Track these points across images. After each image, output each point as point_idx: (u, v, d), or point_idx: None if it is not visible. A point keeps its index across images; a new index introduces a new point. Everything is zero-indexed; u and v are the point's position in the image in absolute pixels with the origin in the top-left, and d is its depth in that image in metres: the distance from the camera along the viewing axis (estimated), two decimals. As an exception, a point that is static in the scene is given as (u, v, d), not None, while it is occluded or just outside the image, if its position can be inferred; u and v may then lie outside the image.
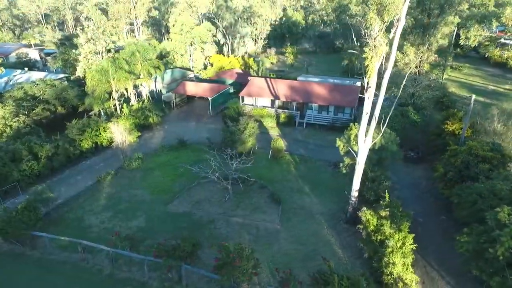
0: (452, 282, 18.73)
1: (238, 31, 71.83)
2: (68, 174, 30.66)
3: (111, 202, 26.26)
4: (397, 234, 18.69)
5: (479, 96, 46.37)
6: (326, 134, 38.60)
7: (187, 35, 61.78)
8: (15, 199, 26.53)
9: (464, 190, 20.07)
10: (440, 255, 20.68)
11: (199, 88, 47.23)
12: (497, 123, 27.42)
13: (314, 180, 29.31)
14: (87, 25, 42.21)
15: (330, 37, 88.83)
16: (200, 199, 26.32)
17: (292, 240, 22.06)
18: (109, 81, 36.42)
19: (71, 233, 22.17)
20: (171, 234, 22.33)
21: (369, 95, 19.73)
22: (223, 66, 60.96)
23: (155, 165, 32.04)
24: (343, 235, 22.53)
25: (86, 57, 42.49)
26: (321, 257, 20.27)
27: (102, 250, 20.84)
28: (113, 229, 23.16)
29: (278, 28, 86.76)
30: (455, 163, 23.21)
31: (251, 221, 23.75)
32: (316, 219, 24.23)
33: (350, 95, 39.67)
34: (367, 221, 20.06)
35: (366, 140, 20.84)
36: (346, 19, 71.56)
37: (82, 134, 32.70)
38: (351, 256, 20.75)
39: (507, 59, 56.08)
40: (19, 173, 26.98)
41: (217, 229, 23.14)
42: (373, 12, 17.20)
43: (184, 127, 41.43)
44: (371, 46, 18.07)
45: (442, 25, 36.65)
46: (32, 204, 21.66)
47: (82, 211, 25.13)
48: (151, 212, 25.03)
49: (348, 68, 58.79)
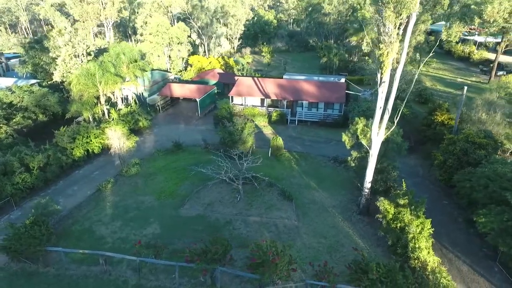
0: (467, 261, 20.11)
1: (213, 31, 71.26)
2: (63, 184, 28.98)
3: (119, 210, 25.23)
4: (415, 221, 19.77)
5: (451, 88, 49.88)
6: (318, 130, 39.66)
7: (164, 36, 60.42)
8: (9, 215, 24.75)
9: (469, 175, 21.63)
10: (451, 237, 22.10)
11: (185, 89, 46.41)
12: (481, 113, 29.69)
13: (318, 175, 30.02)
14: (64, 27, 39.90)
15: (301, 35, 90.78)
16: (212, 201, 26.03)
17: (313, 234, 22.52)
18: (96, 85, 34.76)
19: (84, 246, 21.12)
20: (191, 238, 22.10)
21: (382, 89, 20.64)
22: (203, 66, 60.29)
23: (154, 170, 31.16)
24: (359, 226, 23.38)
25: (65, 61, 40.18)
26: (346, 248, 21.17)
27: (122, 261, 20.13)
28: (127, 238, 22.38)
29: (251, 28, 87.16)
30: (453, 151, 24.87)
31: (268, 219, 23.92)
32: (330, 212, 24.89)
33: (338, 91, 40.94)
34: (385, 210, 20.99)
35: (379, 132, 21.78)
36: (319, 18, 73.70)
37: (73, 142, 31.03)
38: (371, 245, 21.61)
39: (469, 53, 60.62)
40: (12, 187, 25.09)
41: (236, 230, 23.05)
42: (390, 10, 18.02)
43: (174, 130, 40.60)
44: (387, 43, 18.92)
45: (419, 22, 38.94)
46: (41, 218, 20.29)
47: (89, 222, 23.91)
48: (163, 218, 24.39)
49: (327, 65, 60.44)
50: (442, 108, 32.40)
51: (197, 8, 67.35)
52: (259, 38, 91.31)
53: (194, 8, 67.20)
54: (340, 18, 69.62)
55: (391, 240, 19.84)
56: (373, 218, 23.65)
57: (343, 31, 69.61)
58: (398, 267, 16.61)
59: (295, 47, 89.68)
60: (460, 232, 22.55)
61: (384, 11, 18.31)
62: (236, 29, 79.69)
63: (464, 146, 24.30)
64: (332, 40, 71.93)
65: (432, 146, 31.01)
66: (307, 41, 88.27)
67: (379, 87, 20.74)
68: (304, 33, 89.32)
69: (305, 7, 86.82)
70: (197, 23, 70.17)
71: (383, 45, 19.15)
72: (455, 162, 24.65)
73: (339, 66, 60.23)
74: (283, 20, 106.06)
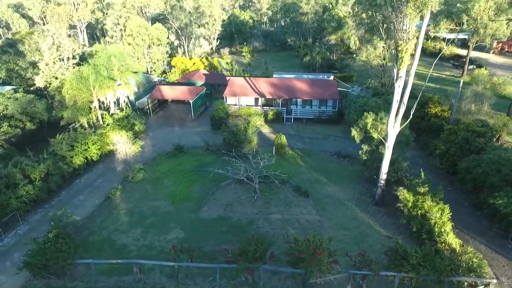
0: (482, 241, 21.66)
1: (193, 32, 70.31)
2: (66, 195, 27.56)
3: (135, 217, 24.45)
4: (435, 207, 21.01)
5: (430, 82, 52.74)
6: (315, 127, 40.55)
7: (144, 37, 58.84)
8: (16, 231, 23.22)
9: (477, 161, 23.28)
10: (462, 220, 23.57)
11: (176, 91, 45.54)
12: (471, 104, 31.92)
13: (324, 171, 30.77)
14: (47, 29, 37.75)
15: (277, 35, 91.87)
16: (229, 202, 25.95)
17: (336, 227, 23.18)
18: (89, 89, 33.27)
19: (108, 256, 20.35)
20: (217, 240, 22.03)
21: (399, 84, 21.68)
22: (187, 68, 59.37)
23: (161, 174, 30.46)
24: (377, 216, 24.36)
25: (48, 65, 38.03)
26: (371, 238, 22.02)
27: (153, 268, 19.65)
28: (152, 245, 21.84)
29: (227, 28, 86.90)
30: (455, 140, 26.58)
31: (290, 216, 24.28)
32: (346, 205, 25.69)
33: (331, 88, 42.09)
34: (405, 199, 22.10)
35: (395, 125, 22.84)
36: (296, 17, 74.95)
37: (72, 150, 29.56)
38: (393, 233, 22.48)
39: (440, 49, 64.54)
40: (17, 201, 23.51)
41: (260, 228, 23.18)
42: (411, 8, 19.02)
43: (170, 133, 39.80)
44: (405, 39, 19.93)
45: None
46: (64, 231, 19.27)
47: (107, 232, 22.98)
48: (184, 222, 23.99)
49: (310, 63, 61.73)
50: (434, 101, 34.38)
51: (176, 8, 66.11)
52: (235, 38, 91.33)
53: (173, 8, 65.89)
54: (318, 17, 71.28)
55: (415, 226, 20.93)
56: (389, 208, 24.84)
57: (321, 30, 71.33)
58: (433, 251, 17.63)
59: (272, 47, 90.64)
60: (469, 215, 24.17)
61: (405, 9, 19.25)
62: (214, 29, 79.14)
63: (465, 135, 26.04)
64: (310, 39, 73.45)
65: (427, 137, 32.85)
66: (283, 40, 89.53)
67: (396, 82, 21.77)
68: (280, 32, 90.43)
69: (280, 6, 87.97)
70: (175, 23, 68.93)
71: (401, 42, 20.14)
72: (458, 151, 26.34)
73: (321, 64, 61.72)
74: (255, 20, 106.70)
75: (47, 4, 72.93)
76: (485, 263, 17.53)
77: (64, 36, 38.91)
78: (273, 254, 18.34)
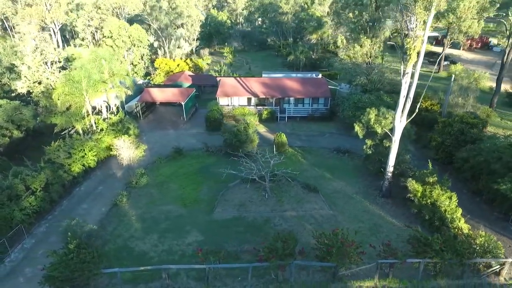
0: (486, 224, 23.14)
1: (173, 33, 69.11)
2: (68, 204, 26.38)
3: (148, 223, 23.87)
4: (443, 195, 22.23)
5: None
6: (309, 125, 41.32)
7: (125, 39, 57.19)
8: (23, 244, 21.97)
9: (476, 150, 24.83)
10: (465, 206, 24.82)
11: (167, 93, 44.69)
12: (458, 97, 33.90)
13: (327, 166, 31.51)
14: (28, 31, 35.82)
15: (255, 35, 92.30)
16: (242, 202, 25.96)
17: (350, 220, 23.88)
18: (82, 94, 31.96)
19: (130, 264, 19.77)
20: (238, 241, 22.05)
21: (406, 80, 22.70)
22: (171, 69, 58.35)
23: (164, 178, 29.90)
24: (386, 208, 25.33)
25: (32, 69, 36.12)
26: (385, 229, 22.93)
27: (179, 272, 19.38)
28: (172, 250, 21.46)
29: (206, 29, 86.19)
30: (451, 132, 28.17)
31: (304, 212, 24.70)
32: (355, 198, 26.51)
33: (322, 86, 43.07)
34: (414, 190, 23.18)
35: (402, 119, 23.88)
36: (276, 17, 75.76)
37: (70, 157, 28.33)
38: (404, 222, 23.60)
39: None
40: (21, 213, 22.25)
41: (277, 226, 23.41)
42: (420, 8, 20.01)
43: (165, 136, 39.08)
44: (413, 37, 20.93)
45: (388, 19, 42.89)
46: (84, 240, 18.53)
47: (121, 240, 22.29)
48: (199, 224, 23.74)
49: (293, 63, 62.63)
50: (425, 96, 36.08)
51: (155, 9, 64.71)
52: (214, 38, 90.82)
53: (152, 9, 64.44)
54: (297, 17, 72.47)
55: (428, 214, 22.01)
56: (396, 200, 25.93)
57: (301, 29, 72.57)
58: (452, 237, 18.70)
59: (251, 47, 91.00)
60: (469, 201, 25.71)
61: (414, 9, 20.21)
62: (193, 30, 78.23)
63: (460, 126, 27.68)
64: (290, 38, 74.52)
65: (420, 130, 34.42)
66: (262, 40, 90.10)
67: (403, 78, 22.78)
68: (259, 32, 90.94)
69: (258, 6, 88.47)
70: (154, 24, 67.48)
71: (410, 40, 21.10)
72: (454, 142, 27.94)
73: (304, 63, 62.80)
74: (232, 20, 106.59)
75: (13, 5, 68.98)
76: (500, 245, 18.79)
77: (48, 39, 37.11)
78: (303, 250, 18.66)
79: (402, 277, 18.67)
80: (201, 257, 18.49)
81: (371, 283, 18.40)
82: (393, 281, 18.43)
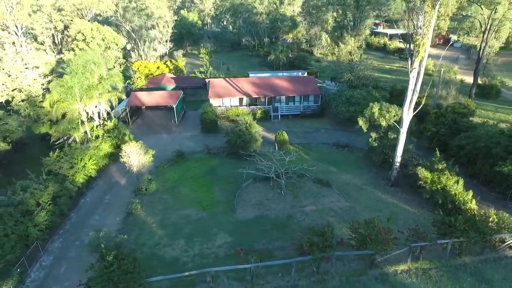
0: (488, 204, 25.28)
1: (147, 34, 67.09)
2: (77, 217, 24.99)
3: (171, 229, 23.32)
4: (451, 180, 24.02)
5: (385, 74, 58.43)
6: (303, 122, 42.30)
7: (100, 42, 54.77)
8: (41, 263, 20.55)
9: (473, 138, 27.02)
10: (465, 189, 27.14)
11: (155, 97, 43.46)
12: (442, 90, 36.54)
13: (331, 161, 32.58)
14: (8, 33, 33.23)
15: (228, 35, 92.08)
16: (259, 201, 26.16)
17: (368, 210, 24.98)
18: (76, 100, 30.30)
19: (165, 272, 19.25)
20: (268, 238, 22.32)
21: (413, 74, 24.20)
22: (151, 72, 56.68)
23: (173, 183, 29.29)
24: (397, 196, 26.80)
25: (11, 77, 33.59)
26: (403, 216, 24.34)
27: (218, 275, 19.21)
28: (204, 253, 21.23)
29: (177, 30, 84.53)
30: (444, 122, 30.37)
31: (323, 206, 25.44)
32: (366, 189, 27.74)
33: (311, 84, 44.25)
34: (424, 177, 24.79)
35: (409, 112, 25.42)
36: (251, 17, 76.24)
37: (72, 168, 26.83)
38: (417, 208, 25.16)
39: (384, 44, 71.57)
40: (35, 229, 20.80)
41: (301, 221, 23.93)
42: (429, 7, 21.48)
43: (160, 140, 38.09)
44: (422, 34, 22.40)
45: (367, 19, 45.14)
46: (121, 251, 17.80)
47: (147, 248, 21.61)
48: (224, 226, 23.63)
49: (273, 62, 63.46)
50: (409, 90, 38.42)
51: (128, 10, 62.44)
52: (185, 39, 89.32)
53: (125, 10, 62.11)
54: (272, 17, 73.48)
55: (440, 198, 23.65)
56: (405, 188, 27.52)
57: (276, 29, 73.69)
58: (472, 216, 20.33)
59: (223, 47, 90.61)
60: (468, 185, 27.53)
61: (423, 8, 21.63)
62: (166, 31, 76.47)
63: (453, 117, 29.92)
64: (266, 38, 75.37)
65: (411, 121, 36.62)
66: (234, 41, 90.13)
67: (410, 73, 24.25)
68: (230, 32, 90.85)
69: (229, 7, 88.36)
70: (127, 26, 65.09)
71: (419, 37, 22.55)
72: (448, 131, 30.14)
73: (283, 63, 63.88)
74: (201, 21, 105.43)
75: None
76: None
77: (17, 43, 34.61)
78: (342, 241, 19.33)
79: (430, 258, 20.00)
80: (243, 257, 18.55)
81: (405, 266, 19.51)
82: (424, 262, 19.69)
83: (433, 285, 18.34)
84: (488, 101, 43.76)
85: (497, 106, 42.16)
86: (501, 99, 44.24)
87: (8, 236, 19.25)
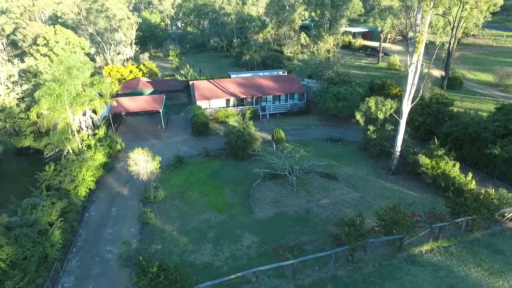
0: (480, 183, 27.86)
1: (112, 37, 63.99)
2: (87, 233, 23.49)
3: (193, 235, 22.77)
4: (448, 164, 26.17)
5: (356, 70, 61.31)
6: (292, 119, 43.18)
7: (65, 47, 51.36)
8: (62, 284, 19.09)
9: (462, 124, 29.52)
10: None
11: (139, 102, 41.72)
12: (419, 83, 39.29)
13: (329, 155, 33.67)
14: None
15: (192, 36, 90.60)
16: (274, 199, 26.45)
17: (378, 198, 26.36)
18: (65, 108, 28.27)
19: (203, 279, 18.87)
20: (294, 234, 22.75)
21: (412, 69, 25.95)
22: (123, 77, 54.16)
23: (179, 189, 28.59)
24: (400, 183, 28.55)
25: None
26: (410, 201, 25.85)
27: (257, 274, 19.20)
28: (235, 255, 21.10)
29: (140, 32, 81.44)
30: (430, 112, 32.86)
31: (337, 198, 26.38)
32: (369, 179, 29.18)
33: (295, 83, 45.29)
34: (424, 164, 26.72)
35: (408, 104, 27.21)
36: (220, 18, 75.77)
37: (73, 181, 25.10)
38: (420, 192, 27.03)
39: (349, 42, 75.07)
40: (53, 249, 19.24)
41: (320, 214, 24.64)
42: (427, 6, 23.21)
43: (151, 147, 35.60)
44: (420, 31, 24.13)
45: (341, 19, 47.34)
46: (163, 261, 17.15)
47: (176, 256, 20.94)
48: (247, 226, 23.61)
49: (247, 62, 63.72)
50: (389, 84, 41.01)
51: (92, 12, 59.06)
52: (148, 42, 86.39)
53: (89, 12, 58.67)
54: (240, 18, 73.70)
55: (443, 182, 25.65)
56: (405, 175, 29.37)
57: (245, 29, 74.03)
58: (480, 194, 22.36)
59: (189, 49, 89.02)
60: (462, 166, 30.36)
61: (422, 6, 23.32)
62: (130, 34, 73.37)
63: (437, 107, 32.48)
64: (235, 39, 75.41)
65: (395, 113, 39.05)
66: (200, 42, 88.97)
67: (409, 68, 25.98)
68: (196, 34, 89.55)
69: (193, 8, 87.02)
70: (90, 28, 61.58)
71: (418, 34, 24.26)
72: (433, 120, 32.66)
73: (257, 63, 64.43)
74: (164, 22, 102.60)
75: None
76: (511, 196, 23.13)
77: None
78: (373, 229, 20.29)
79: (447, 236, 21.70)
80: (284, 254, 18.80)
81: (428, 246, 20.98)
82: (443, 241, 21.33)
83: (457, 260, 19.97)
84: (453, 91, 47.86)
85: (462, 95, 46.33)
86: (463, 89, 48.64)
87: (28, 259, 17.62)
